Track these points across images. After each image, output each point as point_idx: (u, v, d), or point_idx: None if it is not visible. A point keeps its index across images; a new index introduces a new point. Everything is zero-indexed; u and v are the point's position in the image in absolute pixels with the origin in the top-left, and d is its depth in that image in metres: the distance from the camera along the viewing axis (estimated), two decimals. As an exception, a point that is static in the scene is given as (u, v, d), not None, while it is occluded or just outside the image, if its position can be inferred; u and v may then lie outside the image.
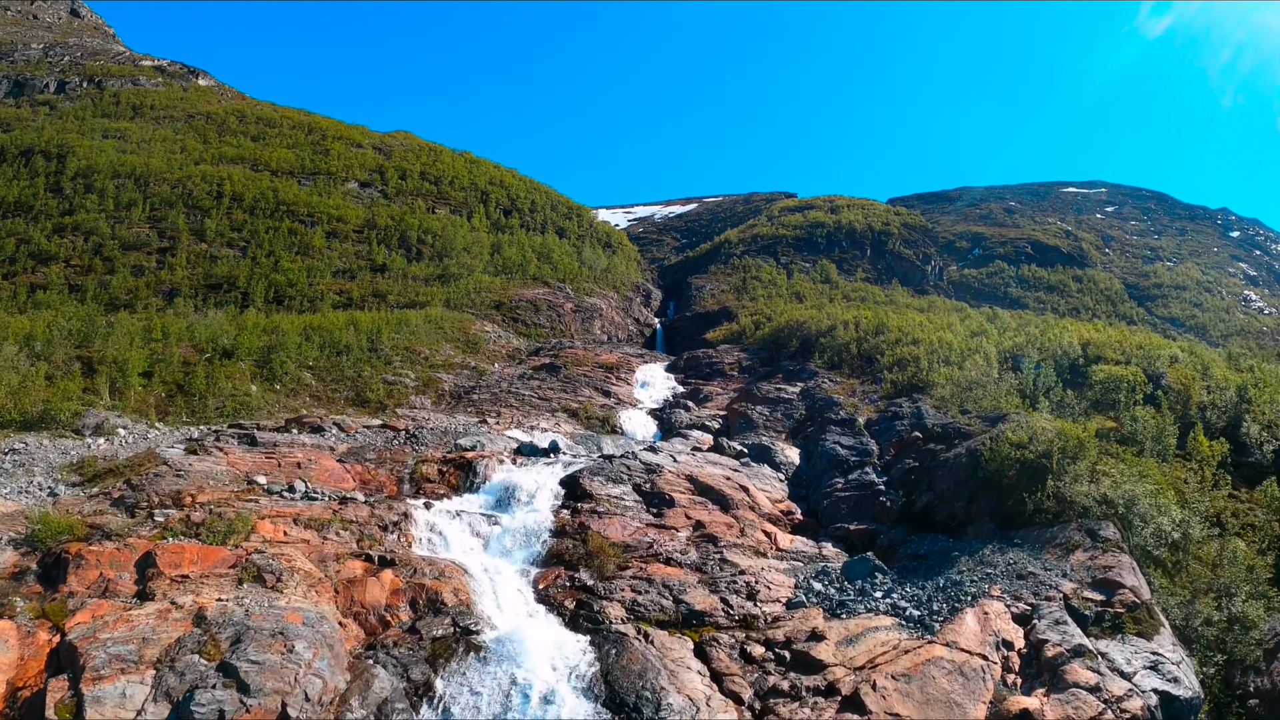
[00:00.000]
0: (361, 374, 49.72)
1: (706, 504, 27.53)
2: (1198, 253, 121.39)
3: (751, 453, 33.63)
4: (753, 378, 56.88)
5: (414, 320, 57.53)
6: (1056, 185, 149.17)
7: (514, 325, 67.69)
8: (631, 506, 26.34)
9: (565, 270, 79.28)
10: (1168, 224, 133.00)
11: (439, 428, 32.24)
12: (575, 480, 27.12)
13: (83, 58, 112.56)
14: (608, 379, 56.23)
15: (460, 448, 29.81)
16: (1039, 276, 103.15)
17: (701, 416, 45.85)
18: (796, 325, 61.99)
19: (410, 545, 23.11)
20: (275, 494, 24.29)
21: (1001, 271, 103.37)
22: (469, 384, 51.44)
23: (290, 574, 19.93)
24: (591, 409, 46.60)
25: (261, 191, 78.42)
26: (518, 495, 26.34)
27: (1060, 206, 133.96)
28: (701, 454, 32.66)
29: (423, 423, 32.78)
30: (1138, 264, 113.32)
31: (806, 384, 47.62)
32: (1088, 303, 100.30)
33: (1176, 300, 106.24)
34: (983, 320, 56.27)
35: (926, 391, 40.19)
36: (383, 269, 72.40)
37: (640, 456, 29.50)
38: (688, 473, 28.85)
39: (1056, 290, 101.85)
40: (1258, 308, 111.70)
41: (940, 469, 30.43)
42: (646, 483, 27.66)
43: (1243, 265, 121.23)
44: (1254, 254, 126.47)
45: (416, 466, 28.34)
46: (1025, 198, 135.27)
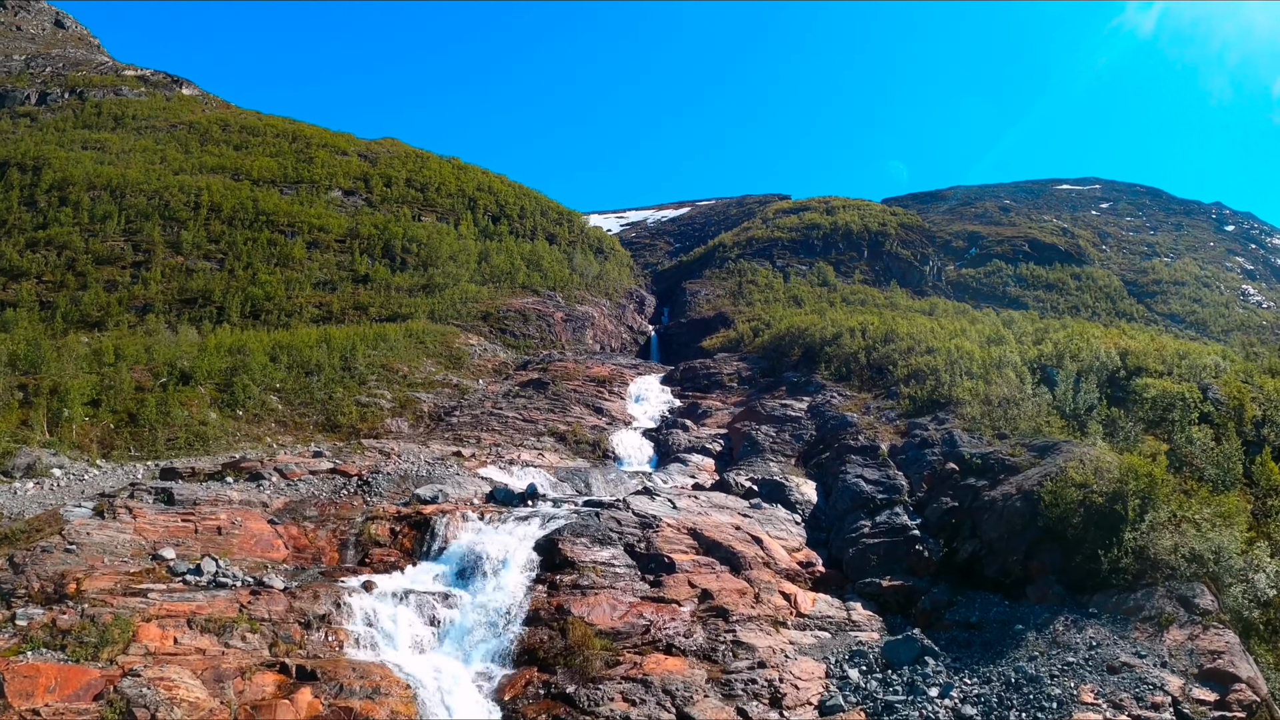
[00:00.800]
0: (333, 396, 44.23)
1: (714, 565, 22.04)
2: (1194, 248, 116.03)
3: (763, 490, 28.11)
4: (753, 390, 51.43)
5: (393, 335, 52.00)
6: (1050, 183, 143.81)
7: (501, 337, 62.21)
8: (623, 574, 20.82)
9: (555, 278, 73.79)
10: (1163, 219, 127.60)
11: (397, 472, 26.60)
12: (554, 544, 21.42)
13: (65, 68, 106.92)
14: (599, 394, 50.76)
15: (419, 499, 24.16)
16: (1037, 275, 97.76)
17: (701, 437, 40.41)
18: (798, 332, 56.52)
19: (342, 645, 17.50)
20: (179, 577, 18.70)
21: (1000, 271, 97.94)
22: (450, 404, 45.95)
23: (170, 708, 14.42)
24: (581, 431, 41.13)
25: (240, 201, 72.80)
26: (483, 565, 20.74)
27: (1055, 204, 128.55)
28: (705, 495, 27.05)
29: (380, 464, 27.13)
30: (1135, 260, 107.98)
31: (814, 398, 42.17)
32: (1087, 300, 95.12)
33: (1176, 296, 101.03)
34: (998, 324, 50.83)
35: (951, 409, 34.79)
36: (365, 280, 66.90)
37: (633, 505, 23.79)
38: (690, 524, 23.30)
39: (1055, 289, 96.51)
40: (1256, 302, 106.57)
41: (986, 512, 25.00)
42: (641, 541, 22.07)
43: (1240, 260, 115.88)
44: (1249, 248, 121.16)
45: (365, 526, 22.72)
46: (1020, 195, 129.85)
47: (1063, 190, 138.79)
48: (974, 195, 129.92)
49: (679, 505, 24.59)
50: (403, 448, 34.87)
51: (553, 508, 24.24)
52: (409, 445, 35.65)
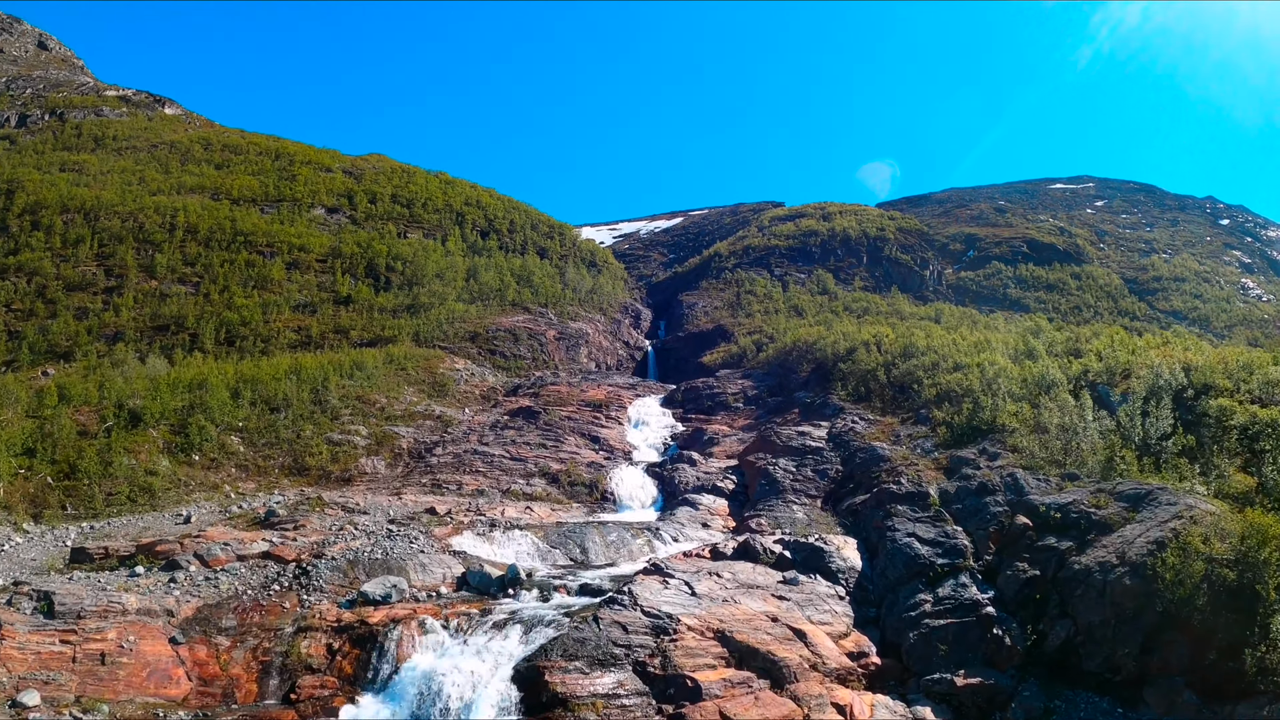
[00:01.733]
0: (301, 434, 38.46)
1: (750, 681, 16.28)
2: (1191, 243, 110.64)
3: (797, 557, 22.30)
4: (762, 411, 45.78)
5: (370, 363, 46.18)
6: (1044, 182, 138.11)
7: (491, 359, 56.46)
8: (633, 707, 15.02)
9: (547, 294, 68.05)
10: (1158, 215, 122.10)
11: (345, 555, 20.47)
12: (538, 674, 15.36)
13: (46, 90, 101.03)
14: (595, 420, 45.04)
15: (366, 599, 18.25)
16: (1037, 276, 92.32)
17: (710, 473, 34.70)
18: (806, 347, 50.88)
19: None
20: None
21: (999, 273, 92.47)
22: (432, 439, 40.18)
23: None
24: (576, 470, 35.37)
25: (218, 222, 67.00)
26: (441, 706, 15.00)
27: (1050, 203, 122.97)
28: (728, 568, 21.05)
29: (324, 546, 21.11)
30: (1134, 258, 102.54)
31: (833, 424, 36.52)
32: (1089, 300, 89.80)
33: (1177, 293, 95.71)
34: (1024, 334, 45.16)
35: (997, 439, 29.19)
36: (347, 301, 61.14)
37: (641, 599, 17.75)
38: (716, 624, 17.49)
39: (1056, 289, 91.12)
40: (1256, 295, 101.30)
41: (1078, 585, 19.29)
42: (654, 655, 16.21)
43: (1237, 253, 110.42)
44: (1245, 241, 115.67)
45: (295, 643, 16.76)
46: (1014, 196, 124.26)
47: (1056, 189, 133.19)
48: (967, 196, 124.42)
49: (698, 590, 18.76)
50: (370, 501, 29.11)
51: (538, 601, 18.40)
52: (379, 498, 29.88)
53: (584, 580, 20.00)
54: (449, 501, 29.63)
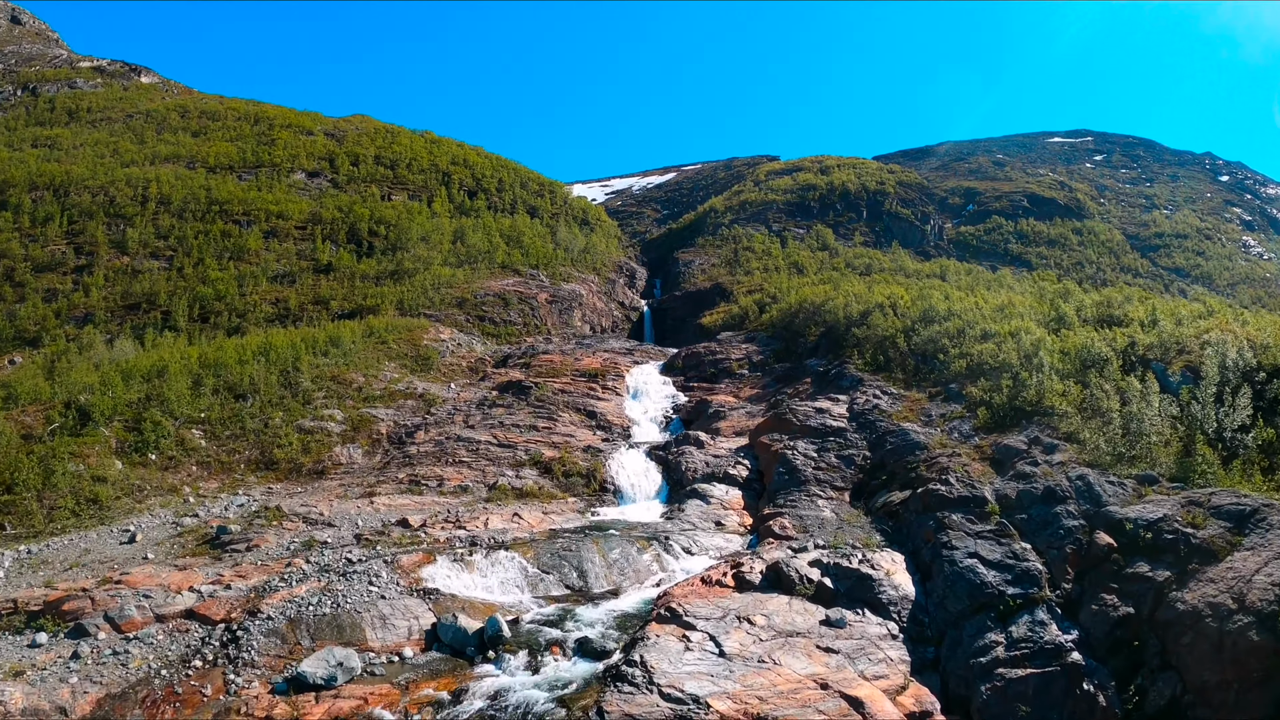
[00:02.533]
0: (270, 423, 34.03)
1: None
2: (1192, 199, 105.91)
3: (840, 586, 17.94)
4: (769, 379, 41.52)
5: (347, 338, 41.69)
6: (1041, 136, 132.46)
7: (479, 325, 52.04)
8: None
9: (538, 254, 63.46)
10: (1158, 171, 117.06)
11: (284, 614, 15.43)
12: None
13: (18, 64, 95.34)
14: (591, 392, 40.77)
15: (304, 682, 13.67)
16: (1039, 231, 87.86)
17: (720, 456, 30.45)
18: (813, 308, 46.47)
19: None
20: None
21: (1000, 228, 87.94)
22: (413, 421, 35.84)
23: None
24: (571, 457, 31.08)
25: (192, 191, 62.31)
26: None
27: (1048, 157, 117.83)
28: (763, 613, 16.75)
29: (264, 594, 16.36)
30: (1135, 213, 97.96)
31: (853, 398, 32.26)
32: (1091, 256, 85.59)
33: (1179, 250, 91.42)
34: (1054, 298, 40.91)
35: (1044, 423, 24.98)
36: (328, 269, 56.60)
37: (655, 670, 13.03)
38: (756, 708, 12.95)
39: (1058, 245, 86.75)
40: (1258, 254, 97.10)
41: (1184, 631, 15.08)
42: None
43: (1237, 210, 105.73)
44: (1245, 198, 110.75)
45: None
46: (1011, 149, 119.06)
47: (1054, 143, 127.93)
48: (965, 150, 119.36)
49: (727, 649, 14.40)
50: (337, 509, 24.79)
51: (526, 671, 13.97)
52: (347, 504, 25.55)
53: (584, 633, 15.63)
54: (426, 505, 25.37)
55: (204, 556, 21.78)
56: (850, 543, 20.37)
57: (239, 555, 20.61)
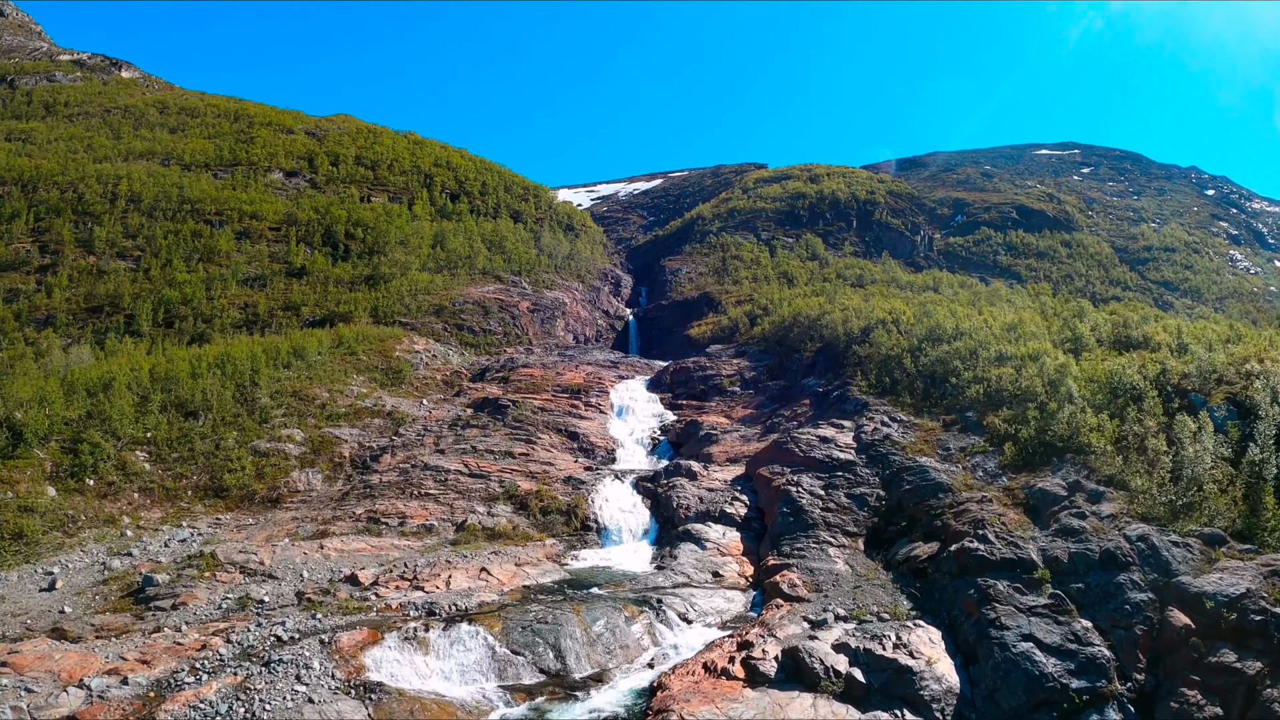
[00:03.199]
0: (222, 445, 30.16)
1: None
2: (1179, 213, 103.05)
3: (873, 681, 14.19)
4: (764, 398, 37.98)
5: (313, 349, 37.86)
6: (1029, 148, 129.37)
7: (457, 335, 48.27)
8: None
9: (521, 260, 59.73)
10: (1145, 184, 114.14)
11: None
12: None
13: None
14: (573, 409, 37.11)
15: None
16: (1028, 243, 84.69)
17: (715, 491, 26.78)
18: (808, 322, 42.94)
19: None
20: None
21: (989, 239, 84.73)
22: (379, 443, 32.05)
23: None
24: (549, 490, 27.33)
25: (164, 189, 58.27)
26: None
27: (1036, 169, 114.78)
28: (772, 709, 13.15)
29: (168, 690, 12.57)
30: (1123, 226, 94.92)
31: (859, 424, 28.70)
32: (1080, 269, 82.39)
33: (1167, 263, 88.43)
34: (1070, 317, 37.53)
35: (1081, 464, 21.65)
36: (301, 273, 52.73)
37: None
38: None
39: (1047, 257, 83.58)
40: (1244, 268, 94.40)
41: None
42: None
43: (1224, 225, 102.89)
44: (1231, 212, 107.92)
45: None
46: (1000, 161, 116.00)
47: (1042, 155, 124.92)
48: (954, 161, 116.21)
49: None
50: (280, 557, 21.00)
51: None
52: (294, 550, 21.75)
53: None
54: (384, 549, 21.64)
55: (124, 613, 18.15)
56: (875, 611, 16.81)
57: (162, 615, 17.05)
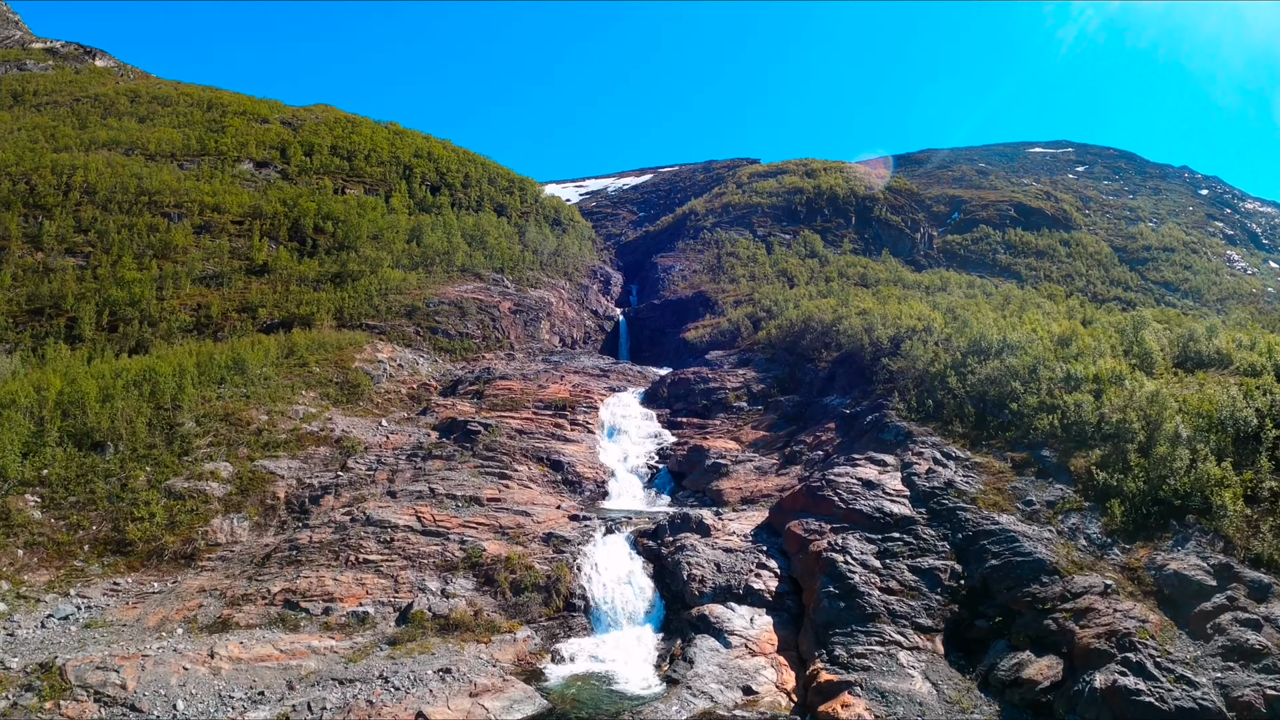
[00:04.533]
0: (130, 485, 23.27)
1: None
2: (1175, 213, 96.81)
3: None
4: (777, 417, 31.30)
5: (254, 361, 30.95)
6: (1023, 146, 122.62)
7: (431, 339, 41.50)
8: None
9: (503, 256, 52.88)
10: (1140, 183, 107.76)
11: None
12: None
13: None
14: (557, 431, 30.41)
15: None
16: (1026, 242, 78.38)
17: (735, 552, 20.03)
18: (821, 328, 36.31)
19: None
20: None
21: (987, 237, 78.32)
22: (323, 479, 25.24)
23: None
24: (524, 553, 20.49)
25: (121, 180, 51.27)
26: None
27: (1031, 167, 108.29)
28: None
29: None
30: (1120, 225, 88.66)
31: (904, 460, 22.12)
32: (1079, 269, 76.25)
33: (1166, 263, 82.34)
34: (1129, 328, 30.96)
35: (1207, 528, 15.64)
36: (263, 270, 45.86)
37: None
38: None
39: (1046, 256, 77.33)
40: (1241, 268, 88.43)
41: None
42: None
43: (1219, 224, 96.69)
44: (1225, 212, 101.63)
45: None
46: (994, 159, 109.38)
47: (1036, 153, 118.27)
48: (949, 159, 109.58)
49: None
50: (152, 674, 14.36)
51: None
52: (169, 663, 15.07)
53: None
54: (297, 657, 15.08)
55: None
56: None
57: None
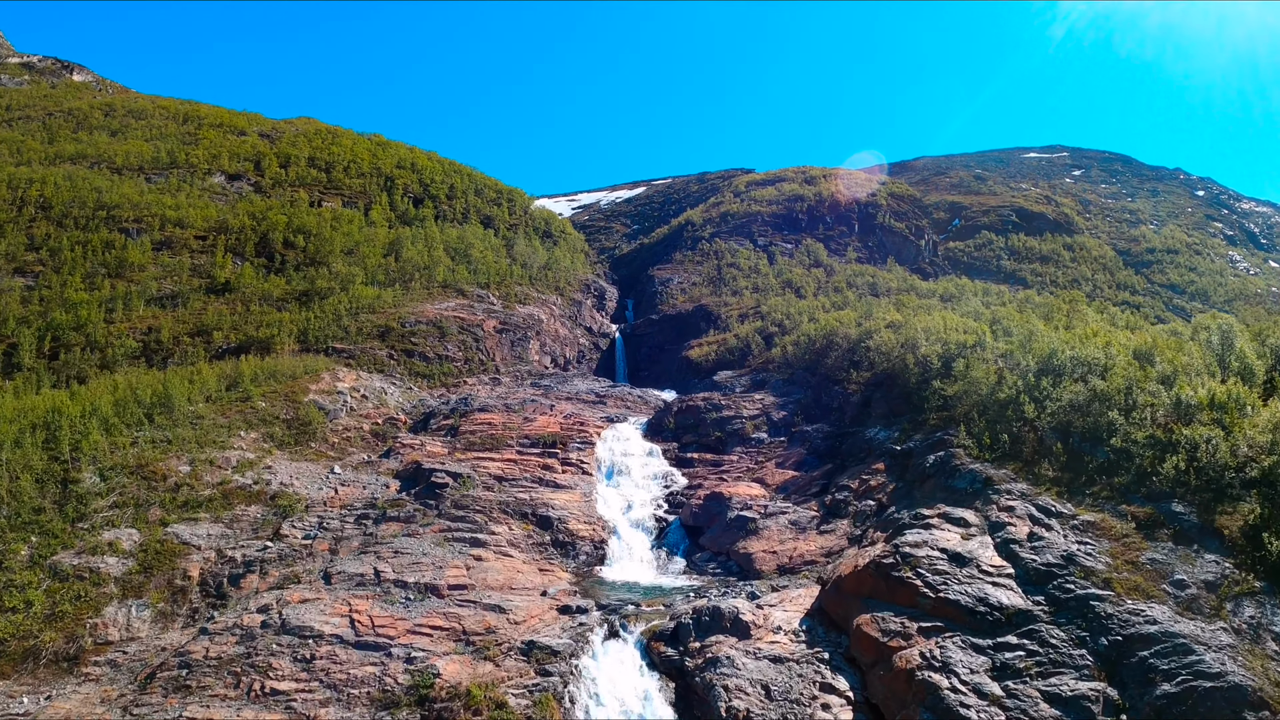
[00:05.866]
0: (4, 564, 17.07)
1: None
2: (1175, 214, 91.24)
3: None
4: (806, 450, 25.24)
5: (181, 396, 24.85)
6: (1017, 151, 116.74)
7: (406, 363, 35.43)
8: None
9: (490, 271, 46.78)
10: (1137, 186, 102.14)
11: None
12: None
13: (-59, 57, 77.46)
14: (545, 475, 24.31)
15: None
16: (1030, 247, 72.74)
17: (784, 662, 14.29)
18: (847, 345, 30.29)
19: None
20: None
21: (991, 243, 72.62)
22: (250, 551, 19.09)
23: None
24: (494, 677, 14.51)
25: (79, 195, 45.20)
26: None
27: (1027, 172, 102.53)
28: None
29: None
30: (1122, 228, 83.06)
31: (991, 518, 16.26)
32: (1085, 273, 70.77)
33: (1171, 265, 76.94)
34: (1215, 339, 24.97)
35: None
36: (225, 289, 39.78)
37: None
38: None
39: (1051, 261, 71.78)
40: (1244, 269, 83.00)
41: None
42: None
43: (1219, 225, 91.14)
44: (1223, 213, 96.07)
45: None
46: (989, 164, 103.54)
47: (1031, 158, 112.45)
48: (943, 164, 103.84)
49: None
50: None
51: None
52: None
53: None
54: None
55: None
56: None
57: None
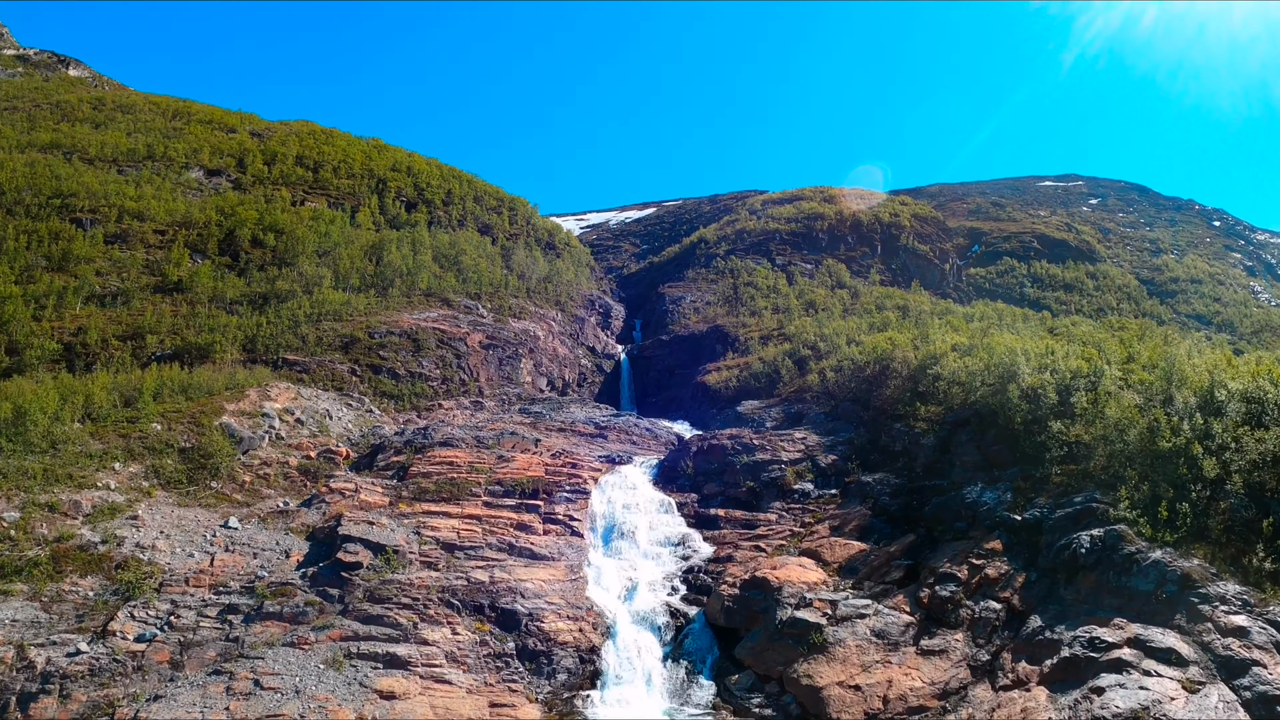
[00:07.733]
0: None
1: None
2: (1194, 244, 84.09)
3: None
4: (869, 510, 17.53)
5: (41, 413, 17.20)
6: (1032, 180, 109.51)
7: (371, 380, 27.82)
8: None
9: (482, 280, 39.23)
10: (1155, 215, 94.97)
11: None
12: None
13: (-62, 51, 70.64)
14: (518, 540, 16.52)
15: None
16: (1053, 274, 65.44)
17: None
18: (906, 373, 22.64)
19: None
20: None
21: (1013, 270, 65.29)
22: (57, 658, 11.76)
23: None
24: None
25: (33, 182, 38.00)
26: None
27: (1044, 200, 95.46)
28: None
29: None
30: (1145, 257, 75.85)
31: (1205, 642, 8.58)
32: (1110, 301, 63.51)
33: (1196, 295, 69.67)
34: None
35: None
36: (176, 287, 32.29)
37: None
38: None
39: (1075, 289, 64.45)
40: (1266, 299, 75.55)
41: None
42: None
43: (1237, 255, 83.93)
44: (1239, 243, 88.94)
45: None
46: (1005, 192, 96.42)
47: (1047, 186, 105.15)
48: (958, 191, 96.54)
49: None
50: None
51: None
52: None
53: None
54: None
55: None
56: None
57: None
